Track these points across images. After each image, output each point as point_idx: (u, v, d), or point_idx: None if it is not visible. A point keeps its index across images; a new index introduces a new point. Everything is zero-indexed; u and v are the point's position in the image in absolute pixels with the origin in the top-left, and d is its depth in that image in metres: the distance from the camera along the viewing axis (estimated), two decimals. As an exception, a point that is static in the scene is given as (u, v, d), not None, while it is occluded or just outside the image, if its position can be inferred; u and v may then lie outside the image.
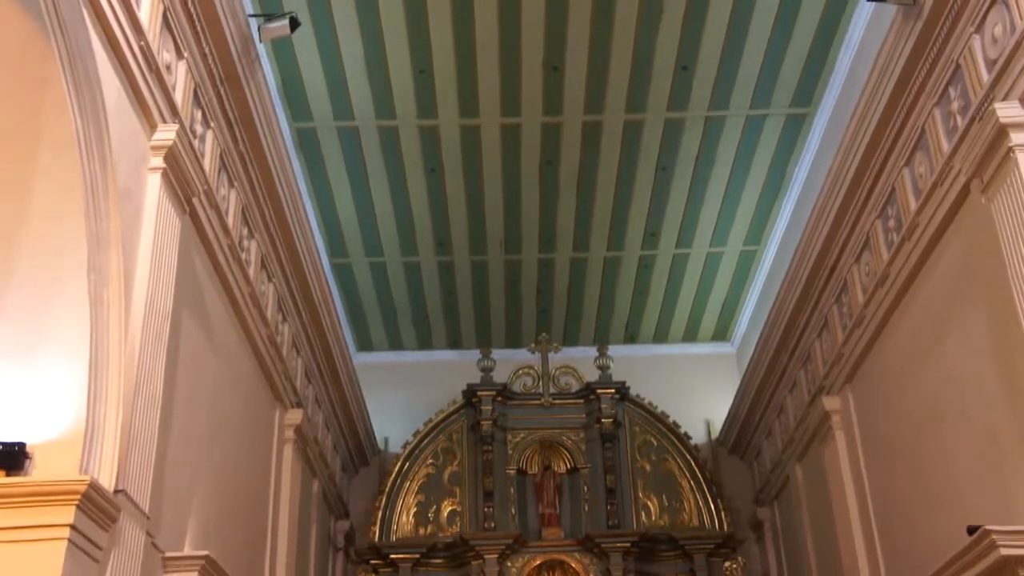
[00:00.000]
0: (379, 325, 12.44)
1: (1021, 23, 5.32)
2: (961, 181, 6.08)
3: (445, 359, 12.86)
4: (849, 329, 8.36)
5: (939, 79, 6.32)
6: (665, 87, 8.81)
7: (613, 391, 11.46)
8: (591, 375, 11.63)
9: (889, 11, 6.65)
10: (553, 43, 8.33)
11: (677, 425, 11.72)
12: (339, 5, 7.90)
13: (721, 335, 12.92)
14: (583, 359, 11.92)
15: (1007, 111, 5.39)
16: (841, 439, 8.79)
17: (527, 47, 8.36)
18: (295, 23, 6.91)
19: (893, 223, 7.34)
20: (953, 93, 6.20)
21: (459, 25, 8.12)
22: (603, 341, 12.22)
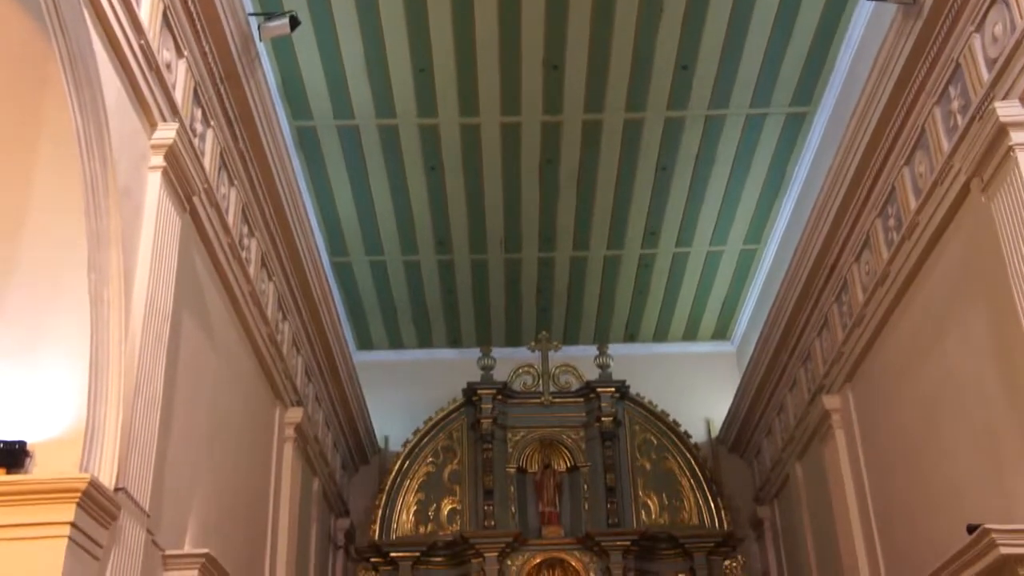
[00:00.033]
0: (379, 323, 12.44)
1: (1021, 22, 5.32)
2: (961, 180, 6.08)
3: (445, 357, 12.86)
4: (849, 328, 8.36)
5: (939, 78, 6.32)
6: (665, 86, 8.81)
7: (613, 390, 11.47)
8: (591, 374, 11.64)
9: (889, 10, 6.65)
10: (553, 42, 8.33)
11: (677, 424, 11.72)
12: (339, 4, 7.90)
13: (721, 334, 12.92)
14: (583, 358, 11.93)
15: (1007, 110, 5.39)
16: (841, 438, 8.79)
17: (527, 46, 8.36)
18: (295, 22, 6.91)
19: (893, 222, 7.34)
20: (953, 92, 6.20)
21: (459, 24, 8.12)
22: (603, 340, 12.24)
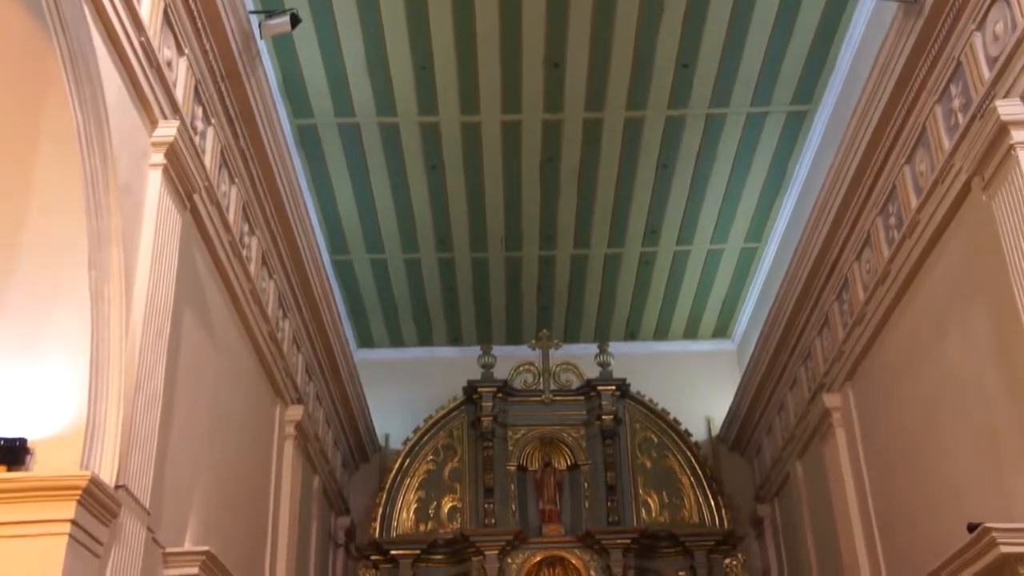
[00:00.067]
0: (380, 321, 12.44)
1: (1022, 21, 5.32)
2: (962, 179, 6.08)
3: (446, 355, 12.86)
4: (850, 326, 8.36)
5: (940, 76, 6.32)
6: (666, 84, 8.81)
7: (613, 388, 11.47)
8: (592, 372, 11.64)
9: (890, 8, 6.64)
10: (554, 40, 8.33)
11: (677, 422, 11.72)
12: (340, 2, 7.89)
13: (722, 332, 12.91)
14: (584, 356, 11.93)
15: (1008, 108, 5.38)
16: (841, 436, 8.79)
17: (528, 44, 8.35)
18: (296, 20, 6.91)
19: (894, 220, 7.34)
20: (954, 90, 6.19)
21: (460, 21, 8.11)
22: (604, 338, 12.24)
